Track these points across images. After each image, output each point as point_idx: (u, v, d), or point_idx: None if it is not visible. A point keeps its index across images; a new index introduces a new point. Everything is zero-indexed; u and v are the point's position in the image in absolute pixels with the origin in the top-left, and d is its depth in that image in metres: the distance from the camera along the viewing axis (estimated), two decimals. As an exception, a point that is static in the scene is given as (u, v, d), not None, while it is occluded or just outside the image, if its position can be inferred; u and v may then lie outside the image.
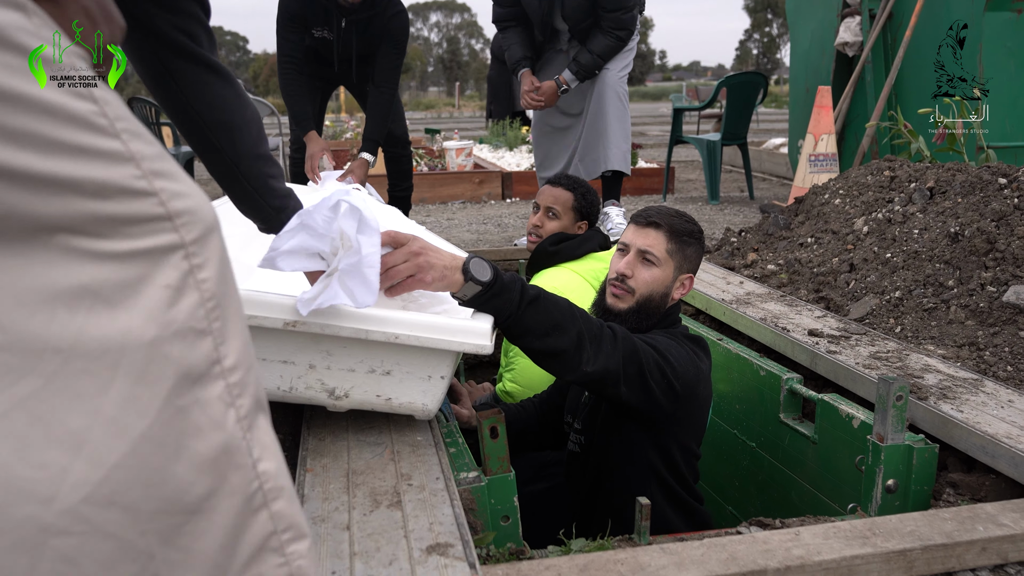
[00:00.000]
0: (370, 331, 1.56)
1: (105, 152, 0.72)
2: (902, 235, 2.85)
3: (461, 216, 6.18)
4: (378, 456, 1.63)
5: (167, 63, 1.54)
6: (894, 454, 1.79)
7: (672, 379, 1.85)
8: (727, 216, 5.78)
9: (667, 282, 2.04)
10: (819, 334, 2.41)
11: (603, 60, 3.84)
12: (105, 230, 0.72)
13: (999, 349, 2.24)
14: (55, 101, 0.70)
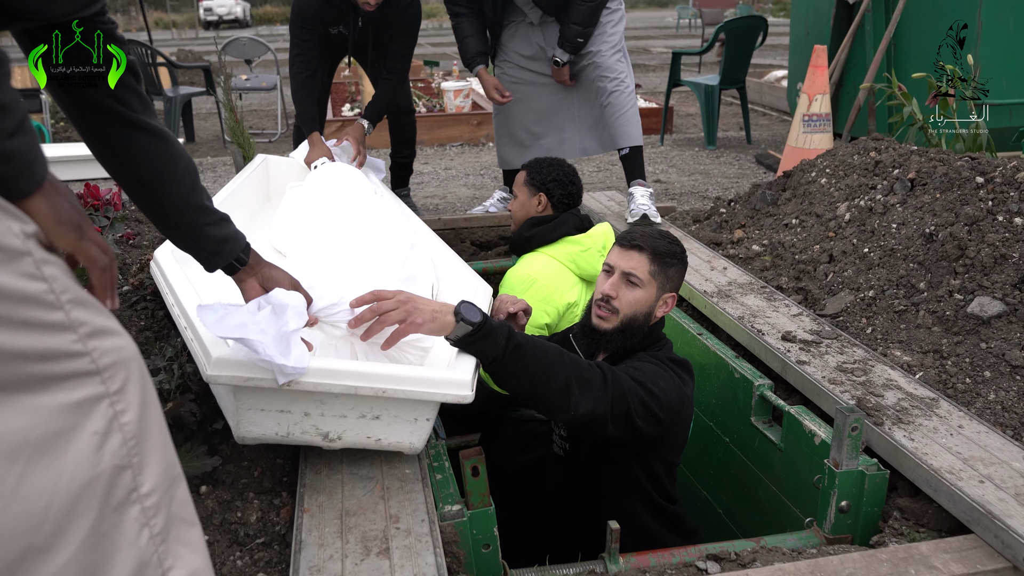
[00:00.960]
0: (359, 387, 1.69)
1: (51, 324, 0.88)
2: (881, 228, 2.94)
3: (459, 164, 6.23)
4: (369, 493, 1.78)
5: (98, 126, 1.47)
6: (847, 479, 1.94)
7: (657, 411, 1.99)
8: (722, 166, 5.82)
9: (650, 302, 2.15)
10: (792, 338, 2.53)
11: (583, 27, 3.75)
12: (43, 387, 0.88)
13: (960, 359, 2.36)
14: (12, 285, 0.85)
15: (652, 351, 2.19)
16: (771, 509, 2.37)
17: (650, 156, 6.25)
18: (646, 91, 9.01)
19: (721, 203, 4.07)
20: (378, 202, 3.01)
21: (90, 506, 0.90)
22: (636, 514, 2.22)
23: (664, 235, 2.22)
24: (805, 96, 4.73)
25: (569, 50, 3.83)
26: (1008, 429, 2.11)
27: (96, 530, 0.90)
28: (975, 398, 2.24)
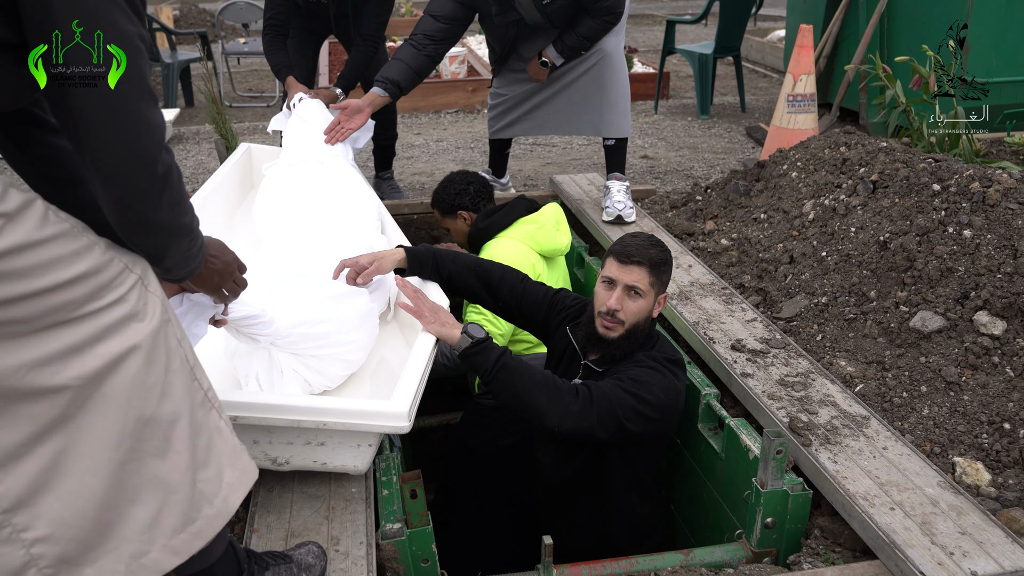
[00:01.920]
0: (302, 420, 1.80)
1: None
2: (840, 231, 3.00)
3: (451, 134, 6.26)
4: (315, 512, 1.91)
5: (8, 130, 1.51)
6: (772, 498, 2.05)
7: (650, 415, 2.14)
8: (712, 139, 5.83)
9: (650, 307, 2.29)
10: (741, 348, 2.62)
11: (590, 42, 3.61)
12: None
13: (900, 372, 2.45)
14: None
15: (648, 350, 2.30)
16: (712, 513, 2.48)
17: (641, 127, 6.26)
18: (645, 53, 8.94)
19: (698, 190, 4.12)
20: (348, 183, 3.06)
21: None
22: (630, 498, 2.41)
23: (655, 244, 2.30)
24: (790, 76, 4.73)
25: (566, 57, 3.67)
26: (936, 445, 2.21)
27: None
28: (909, 412, 2.33)
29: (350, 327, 2.21)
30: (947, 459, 2.17)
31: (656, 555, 2.13)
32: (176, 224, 1.31)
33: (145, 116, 1.19)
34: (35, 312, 1.14)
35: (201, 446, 1.36)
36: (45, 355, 1.16)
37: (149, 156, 1.20)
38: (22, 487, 1.17)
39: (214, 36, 8.42)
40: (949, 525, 1.85)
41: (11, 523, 1.17)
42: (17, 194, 1.14)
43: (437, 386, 3.83)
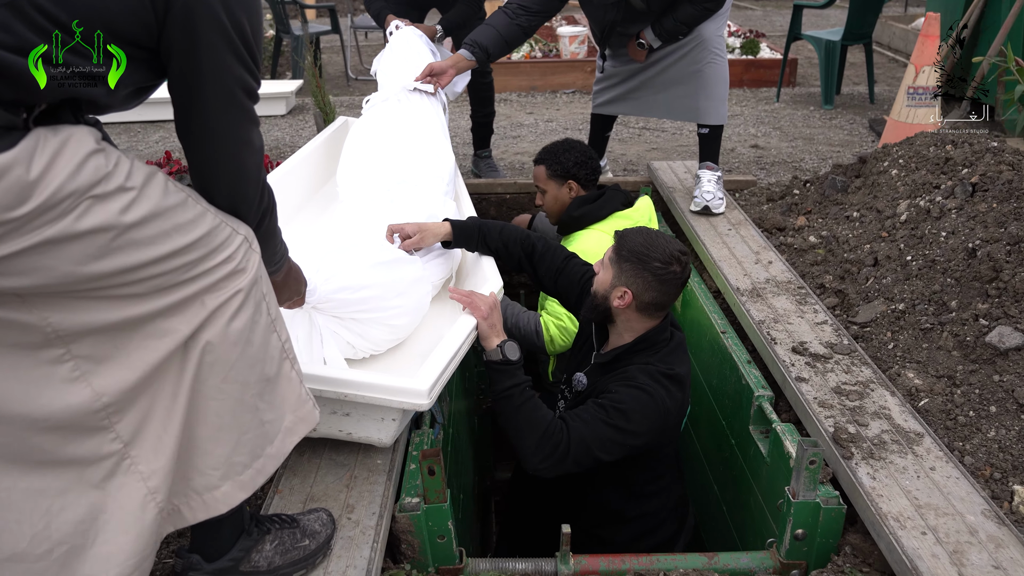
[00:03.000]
0: (324, 390, 1.86)
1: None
2: (930, 235, 2.83)
3: (563, 114, 6.23)
4: (338, 480, 1.98)
5: None
6: (803, 509, 1.97)
7: (631, 443, 2.12)
8: (831, 130, 5.57)
9: (606, 285, 2.25)
10: (803, 351, 2.51)
11: (688, 28, 3.52)
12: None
13: (970, 389, 2.29)
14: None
15: (648, 356, 2.24)
16: (757, 517, 2.41)
17: (759, 115, 6.04)
18: (774, 38, 8.60)
19: (797, 183, 3.97)
20: (428, 141, 3.05)
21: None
22: (593, 525, 2.40)
23: (650, 237, 2.23)
24: (912, 67, 4.45)
25: (663, 40, 3.58)
26: (996, 471, 2.07)
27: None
28: (974, 433, 2.19)
29: (394, 292, 2.23)
30: (1006, 486, 2.03)
31: (679, 555, 2.09)
32: (265, 230, 1.50)
33: (252, 141, 1.36)
34: (160, 272, 1.27)
35: (272, 391, 1.48)
36: (163, 307, 1.30)
37: (254, 177, 1.40)
38: (136, 424, 1.31)
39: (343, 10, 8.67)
40: (983, 557, 1.73)
41: (130, 455, 1.31)
42: (143, 167, 1.26)
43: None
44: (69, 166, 1.13)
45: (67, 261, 1.15)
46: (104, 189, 1.17)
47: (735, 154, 5.04)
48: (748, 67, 7.06)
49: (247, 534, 1.61)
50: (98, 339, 1.25)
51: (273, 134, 5.62)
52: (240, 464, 1.44)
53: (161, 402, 1.33)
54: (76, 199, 1.14)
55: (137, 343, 1.28)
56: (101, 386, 1.26)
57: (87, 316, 1.22)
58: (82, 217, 1.15)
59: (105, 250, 1.18)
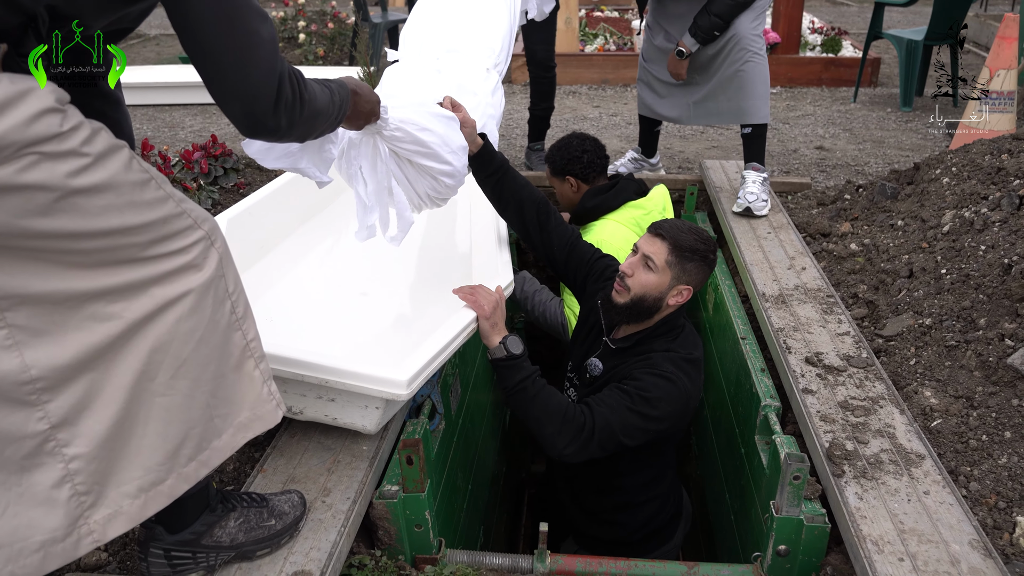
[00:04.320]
0: (305, 375, 1.91)
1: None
2: (969, 248, 2.70)
3: (628, 109, 6.16)
4: (321, 463, 2.02)
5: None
6: (786, 525, 1.92)
7: (654, 428, 2.14)
8: (904, 134, 5.35)
9: (662, 288, 2.22)
10: (816, 362, 2.44)
11: (722, 21, 3.46)
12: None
13: (987, 412, 2.19)
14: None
15: (668, 342, 2.26)
16: (755, 529, 2.36)
17: (831, 116, 5.84)
18: (859, 36, 8.29)
19: (849, 187, 3.84)
20: (487, 9, 2.92)
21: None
22: (600, 506, 2.48)
23: (696, 231, 2.24)
24: (986, 70, 4.24)
25: (701, 40, 3.54)
26: (1002, 499, 1.97)
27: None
28: (984, 458, 2.09)
29: (447, 149, 2.19)
30: (1010, 516, 1.93)
31: (657, 563, 2.06)
32: (301, 122, 1.53)
33: (257, 32, 1.34)
34: (105, 247, 1.26)
35: (227, 389, 1.48)
36: (106, 287, 1.29)
37: (262, 67, 1.37)
38: (70, 405, 1.30)
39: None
40: (960, 589, 1.66)
41: (56, 437, 1.30)
42: (106, 137, 1.25)
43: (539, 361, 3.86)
44: (20, 117, 1.12)
45: (4, 211, 1.14)
46: (54, 148, 1.16)
47: (797, 155, 4.90)
48: (827, 65, 6.84)
49: (210, 510, 1.66)
50: (35, 311, 1.23)
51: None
52: (185, 456, 1.44)
53: (100, 390, 1.32)
54: (19, 150, 1.12)
55: (77, 323, 1.27)
56: (32, 358, 1.25)
57: (24, 280, 1.21)
58: (26, 170, 1.13)
59: (47, 209, 1.17)
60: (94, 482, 1.34)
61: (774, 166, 4.67)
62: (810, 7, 11.71)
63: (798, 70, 6.86)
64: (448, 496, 2.43)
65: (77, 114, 1.21)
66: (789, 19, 6.85)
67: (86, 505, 1.34)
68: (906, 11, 9.58)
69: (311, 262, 2.83)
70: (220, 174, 3.14)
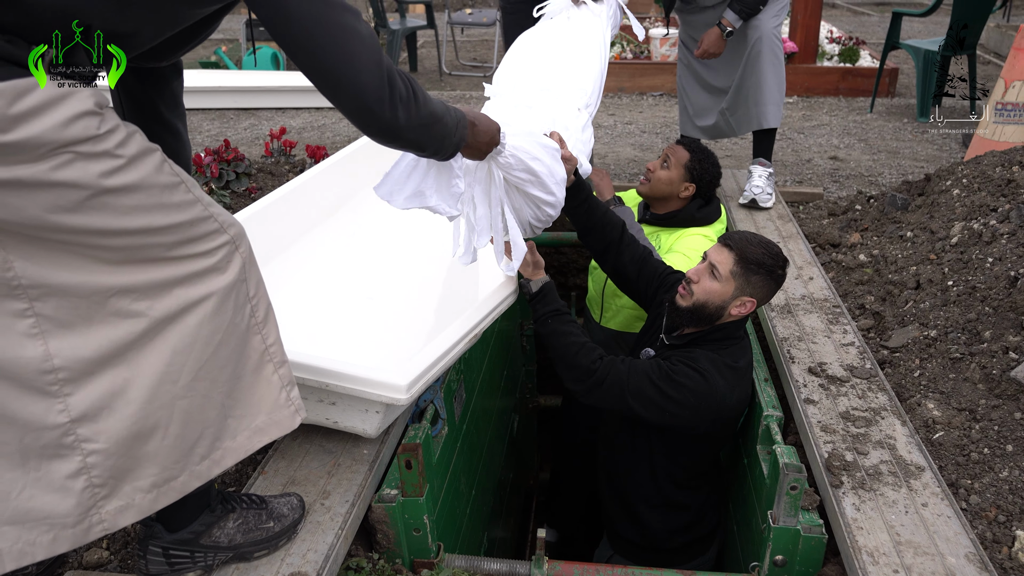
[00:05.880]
0: (305, 379, 1.93)
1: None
2: (976, 260, 2.69)
3: (645, 118, 6.17)
4: (322, 466, 2.04)
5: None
6: (782, 535, 1.92)
7: (674, 412, 2.18)
8: (919, 144, 5.32)
9: (725, 297, 2.23)
10: (820, 372, 2.44)
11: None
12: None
13: (989, 425, 2.18)
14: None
15: (716, 347, 2.27)
16: (756, 538, 2.35)
17: (846, 126, 5.82)
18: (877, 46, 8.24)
19: (861, 198, 3.83)
20: (580, 50, 2.98)
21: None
22: (636, 497, 2.49)
23: (766, 245, 2.25)
24: (1001, 81, 4.21)
25: (744, 16, 3.53)
26: (1002, 513, 1.96)
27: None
28: (985, 471, 2.08)
29: (553, 181, 2.25)
30: (1009, 530, 1.92)
31: (655, 570, 2.07)
32: (418, 120, 1.57)
33: (353, 26, 1.40)
34: (132, 245, 1.31)
35: (244, 392, 1.52)
36: (132, 284, 1.33)
37: (367, 60, 1.42)
38: (91, 402, 1.34)
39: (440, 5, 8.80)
40: (953, 602, 1.65)
41: (75, 432, 1.34)
42: (141, 141, 1.31)
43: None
44: (60, 118, 1.17)
45: (36, 205, 1.19)
46: (90, 149, 1.21)
47: (811, 165, 4.89)
48: (845, 75, 6.82)
49: (210, 510, 1.69)
50: (62, 302, 1.28)
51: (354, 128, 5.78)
52: (198, 455, 1.48)
53: (122, 389, 1.35)
54: (56, 149, 1.17)
55: (102, 317, 1.31)
56: (56, 348, 1.29)
57: (52, 271, 1.26)
58: (60, 168, 1.18)
59: (78, 206, 1.22)
60: (110, 476, 1.38)
61: (787, 176, 4.66)
62: (830, 16, 11.67)
63: (815, 80, 6.84)
64: (450, 501, 2.45)
65: (114, 117, 1.26)
66: (806, 28, 6.84)
67: (99, 496, 1.38)
68: (925, 21, 9.53)
69: (318, 266, 2.86)
70: (232, 178, 3.18)
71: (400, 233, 3.02)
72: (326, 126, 5.88)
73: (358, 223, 3.10)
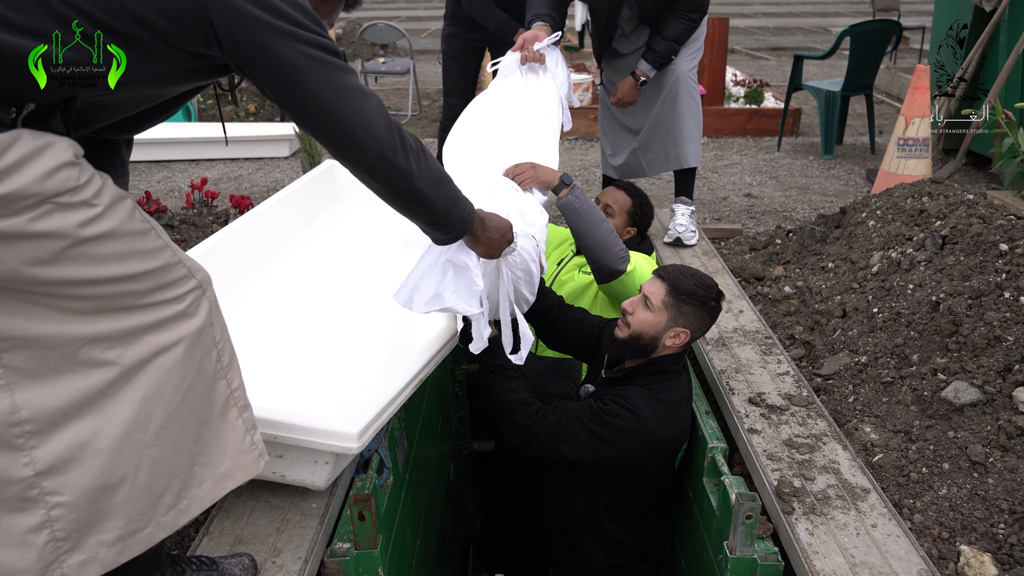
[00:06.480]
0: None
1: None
2: (898, 288, 2.80)
3: (563, 161, 6.25)
4: (270, 523, 1.96)
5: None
6: (739, 565, 1.94)
7: (608, 454, 2.19)
8: (827, 180, 5.56)
9: (658, 327, 2.24)
10: (759, 402, 2.48)
11: (678, 44, 3.58)
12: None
13: (925, 445, 2.25)
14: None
15: (652, 381, 2.27)
16: (708, 571, 2.36)
17: (757, 164, 6.04)
18: (779, 88, 8.62)
19: (780, 233, 3.96)
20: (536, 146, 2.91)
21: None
22: (581, 537, 2.46)
23: (698, 277, 2.27)
24: (902, 118, 4.44)
25: (657, 65, 3.64)
26: (945, 530, 2.02)
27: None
28: (925, 490, 2.14)
29: (535, 284, 2.37)
30: (954, 546, 1.98)
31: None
32: (428, 172, 1.60)
33: (360, 87, 1.45)
34: (106, 294, 1.29)
35: (210, 437, 1.49)
36: (103, 332, 1.30)
37: (379, 117, 1.47)
38: (57, 453, 1.30)
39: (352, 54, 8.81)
40: (912, 619, 1.69)
41: (40, 485, 1.30)
42: (113, 189, 1.30)
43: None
44: (41, 170, 1.17)
45: (14, 258, 1.18)
46: (69, 200, 1.21)
47: (727, 203, 5.04)
48: (751, 116, 7.09)
49: (160, 573, 1.60)
50: (32, 353, 1.25)
51: (273, 175, 5.70)
52: (165, 505, 1.44)
53: (90, 439, 1.32)
54: (38, 201, 1.17)
55: (71, 367, 1.29)
56: (23, 399, 1.26)
57: (24, 322, 1.24)
58: (39, 219, 1.18)
59: (56, 257, 1.21)
60: (73, 529, 1.34)
61: (706, 213, 4.79)
62: (731, 60, 12.15)
63: (723, 121, 7.08)
64: (398, 554, 2.39)
65: (89, 166, 1.27)
66: (713, 72, 7.10)
67: (62, 550, 1.33)
68: (822, 64, 10.01)
69: (249, 312, 2.79)
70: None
71: (331, 279, 2.97)
72: (243, 176, 5.78)
73: (297, 267, 3.05)
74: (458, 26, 4.03)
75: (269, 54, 1.35)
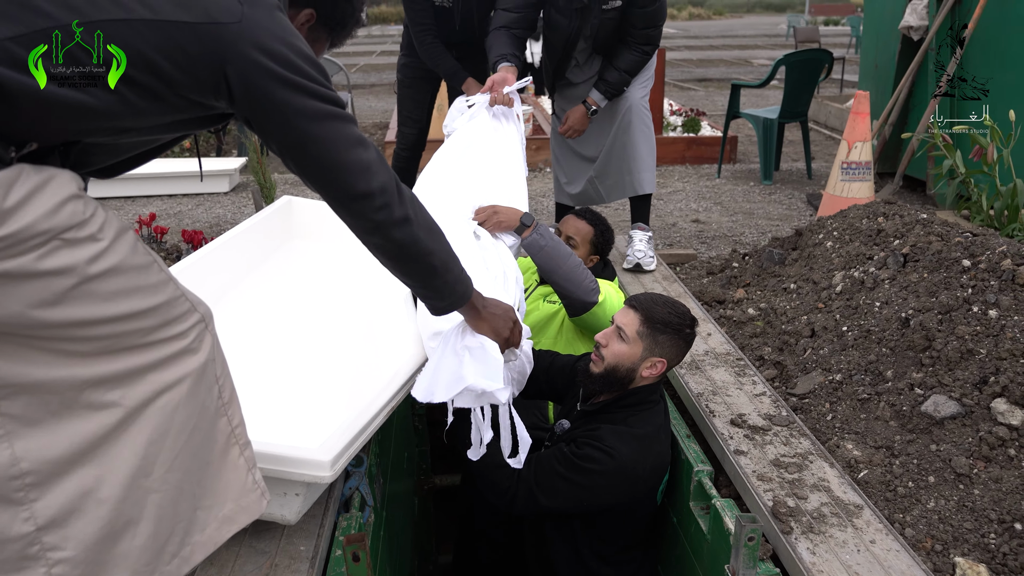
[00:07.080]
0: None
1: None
2: (864, 306, 2.85)
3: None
4: (257, 569, 1.86)
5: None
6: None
7: (588, 499, 2.16)
8: (770, 204, 5.68)
9: (634, 359, 2.21)
10: (742, 423, 2.48)
11: (630, 76, 3.67)
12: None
13: (909, 460, 2.27)
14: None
15: (629, 413, 2.24)
16: (700, 599, 2.33)
17: (700, 191, 6.15)
18: (715, 117, 8.83)
19: (736, 256, 4.01)
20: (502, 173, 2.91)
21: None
22: (565, 567, 2.39)
23: (671, 305, 2.26)
24: (844, 143, 4.57)
25: (608, 95, 3.68)
26: (937, 542, 2.03)
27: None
28: (913, 504, 2.16)
29: (523, 382, 2.33)
30: (948, 558, 1.99)
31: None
32: (422, 221, 1.59)
33: (361, 137, 1.46)
34: (110, 333, 1.23)
35: (213, 478, 1.43)
36: (106, 374, 1.24)
37: (379, 166, 1.47)
38: (59, 505, 1.22)
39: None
40: (925, 634, 1.68)
41: (41, 541, 1.21)
42: (116, 222, 1.24)
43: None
44: (47, 205, 1.12)
45: (19, 300, 1.12)
46: (76, 235, 1.16)
47: (676, 228, 5.10)
48: (690, 144, 7.22)
49: None
50: (32, 399, 1.18)
51: (215, 211, 5.56)
52: (169, 553, 1.38)
53: (93, 488, 1.25)
54: (45, 238, 1.12)
55: (73, 412, 1.22)
56: (23, 450, 1.18)
57: (24, 368, 1.17)
58: (46, 257, 1.13)
59: (62, 296, 1.15)
60: None
61: (658, 239, 4.84)
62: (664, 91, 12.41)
63: (663, 149, 7.19)
64: (382, 594, 2.30)
65: (91, 199, 1.22)
66: (652, 102, 7.16)
67: None
68: (749, 93, 10.31)
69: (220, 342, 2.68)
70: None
71: (291, 312, 2.88)
72: (183, 212, 5.62)
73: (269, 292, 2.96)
74: (414, 56, 4.01)
75: (282, 107, 1.33)
